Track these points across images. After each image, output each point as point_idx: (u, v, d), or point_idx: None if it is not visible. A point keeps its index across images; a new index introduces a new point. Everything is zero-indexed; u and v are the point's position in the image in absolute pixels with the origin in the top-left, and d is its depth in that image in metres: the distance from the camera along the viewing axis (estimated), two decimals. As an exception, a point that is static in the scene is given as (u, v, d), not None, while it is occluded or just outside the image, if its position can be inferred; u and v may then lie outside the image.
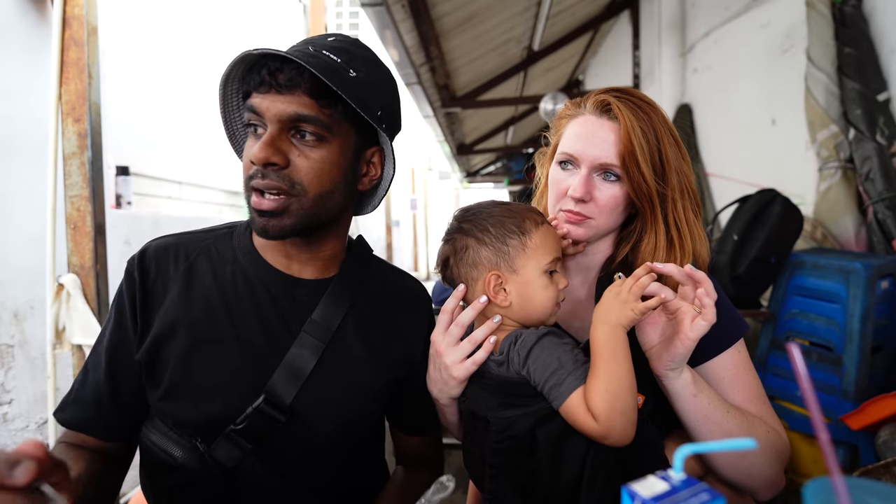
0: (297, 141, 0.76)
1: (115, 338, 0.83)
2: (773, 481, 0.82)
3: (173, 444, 0.80)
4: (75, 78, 2.11)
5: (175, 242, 0.87)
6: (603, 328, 0.73)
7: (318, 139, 0.76)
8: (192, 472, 0.79)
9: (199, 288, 0.83)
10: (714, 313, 0.72)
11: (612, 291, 0.76)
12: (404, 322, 0.93)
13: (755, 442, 0.50)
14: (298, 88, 0.73)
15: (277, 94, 0.73)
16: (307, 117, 0.74)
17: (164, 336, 0.80)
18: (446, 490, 0.74)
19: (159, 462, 0.81)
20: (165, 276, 0.84)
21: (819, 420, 0.49)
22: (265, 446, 0.80)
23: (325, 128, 0.75)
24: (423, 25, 4.24)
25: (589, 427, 0.69)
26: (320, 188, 0.78)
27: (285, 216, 0.77)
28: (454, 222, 0.85)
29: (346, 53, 0.78)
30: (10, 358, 2.28)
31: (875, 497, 0.49)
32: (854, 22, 2.38)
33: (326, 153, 0.77)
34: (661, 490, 0.49)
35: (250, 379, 0.80)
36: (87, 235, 2.14)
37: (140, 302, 0.82)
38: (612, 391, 0.68)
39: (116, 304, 0.84)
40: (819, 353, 2.07)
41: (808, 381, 0.51)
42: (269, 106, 0.74)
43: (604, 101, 0.88)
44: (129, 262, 0.85)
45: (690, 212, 0.90)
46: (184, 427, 0.80)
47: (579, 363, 0.73)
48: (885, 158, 2.25)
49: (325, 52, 0.76)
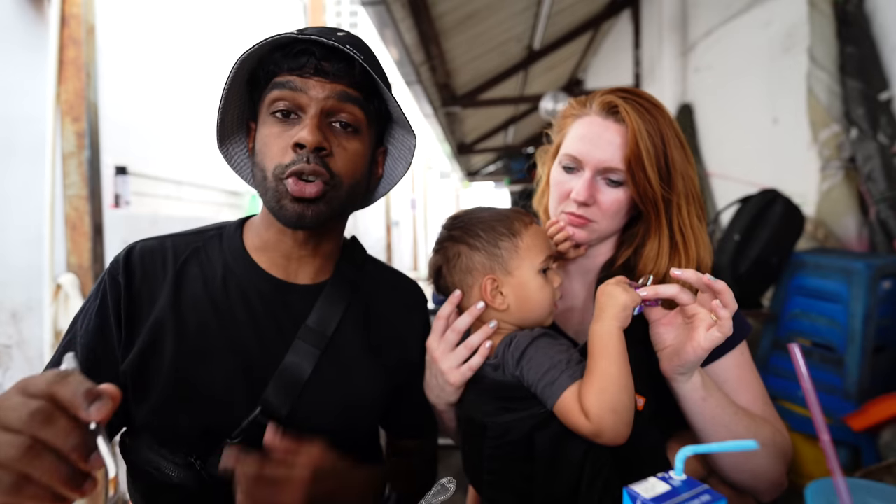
0: (335, 131, 0.76)
1: (93, 344, 0.76)
2: (777, 482, 0.81)
3: (167, 462, 0.75)
4: (73, 77, 2.10)
5: (161, 245, 0.82)
6: (596, 326, 0.72)
7: (353, 131, 0.77)
8: (190, 490, 0.75)
9: (189, 295, 0.79)
10: (730, 326, 0.69)
11: (601, 289, 0.75)
12: (400, 324, 0.91)
13: (757, 443, 0.49)
14: (346, 78, 0.74)
15: (325, 81, 0.73)
16: (353, 106, 0.75)
17: (152, 347, 0.75)
18: (447, 492, 0.73)
19: (154, 482, 0.76)
20: (152, 282, 0.79)
21: (821, 421, 0.49)
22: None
23: (361, 120, 0.77)
24: (423, 24, 4.24)
25: (581, 425, 0.68)
26: (353, 179, 0.78)
27: (323, 203, 0.75)
28: (444, 231, 0.85)
29: (363, 52, 0.77)
30: (7, 358, 2.28)
31: (876, 498, 0.48)
32: (856, 21, 2.37)
33: (359, 145, 0.78)
34: (662, 491, 0.48)
35: (245, 390, 0.76)
36: (85, 235, 2.14)
37: (125, 310, 0.76)
38: (605, 388, 0.68)
39: (99, 307, 0.77)
40: (821, 354, 2.07)
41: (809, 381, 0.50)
42: (316, 90, 0.73)
43: (610, 103, 0.86)
44: (112, 263, 0.80)
45: (695, 217, 0.88)
46: (176, 442, 0.75)
47: (573, 362, 0.72)
48: (887, 158, 2.24)
49: (348, 46, 0.74)
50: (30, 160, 2.26)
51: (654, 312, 0.77)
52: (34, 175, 2.21)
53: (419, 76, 5.02)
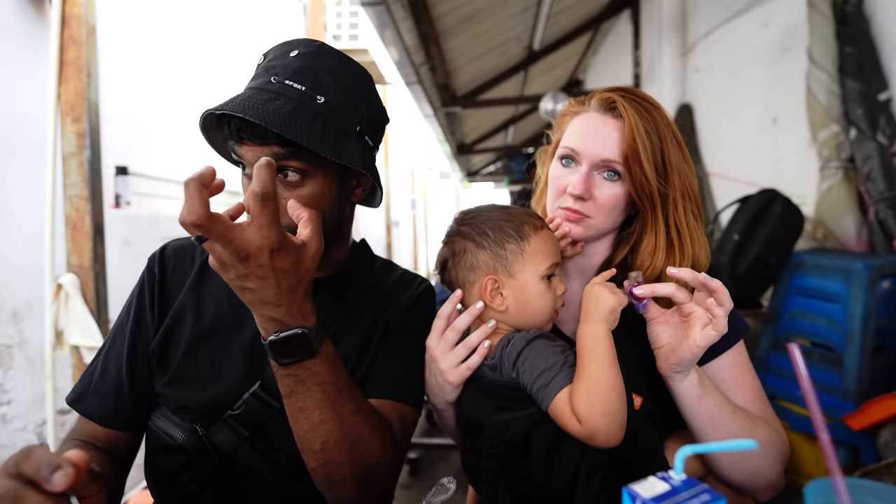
0: (282, 182, 0.77)
1: (135, 329, 0.88)
2: (775, 481, 0.81)
3: (175, 427, 0.83)
4: (74, 77, 2.10)
5: (191, 244, 0.95)
6: (583, 327, 0.73)
7: (301, 176, 0.77)
8: (191, 453, 0.82)
9: (209, 283, 0.90)
10: (725, 324, 0.70)
11: (587, 290, 0.75)
12: (389, 304, 0.92)
13: (755, 443, 0.50)
14: (269, 137, 0.74)
15: (251, 144, 0.75)
16: (286, 161, 0.75)
17: (173, 326, 0.86)
18: (447, 492, 0.74)
19: (161, 444, 0.84)
20: (181, 272, 0.91)
21: (820, 420, 0.49)
22: (261, 435, 0.82)
23: (305, 165, 0.77)
24: (423, 25, 4.24)
25: (573, 428, 0.68)
26: None
27: None
28: (454, 225, 0.85)
29: (311, 75, 0.77)
30: (8, 358, 2.28)
31: (876, 498, 0.48)
32: (855, 21, 2.38)
33: (311, 189, 0.78)
34: (662, 491, 0.49)
35: (249, 367, 0.83)
36: (86, 235, 2.14)
37: (158, 295, 0.89)
38: (593, 391, 0.67)
39: (137, 296, 0.90)
40: (820, 354, 2.07)
41: (808, 381, 0.50)
42: (247, 153, 0.77)
43: (609, 99, 0.88)
44: (150, 258, 0.92)
45: (691, 215, 0.88)
46: (185, 412, 0.83)
47: (568, 364, 0.72)
48: (886, 158, 2.25)
49: (287, 81, 0.75)
50: (30, 160, 2.26)
51: (651, 311, 0.78)
52: (35, 175, 2.21)
53: (419, 76, 5.03)
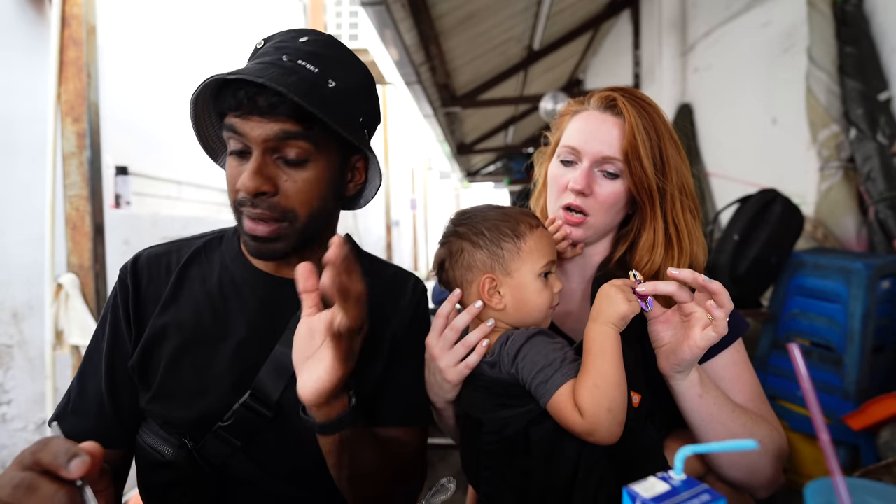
0: (283, 164, 0.75)
1: (111, 344, 0.84)
2: (773, 479, 0.82)
3: (163, 442, 0.81)
4: (74, 77, 2.11)
5: (166, 251, 0.89)
6: (593, 326, 0.73)
7: (304, 160, 0.76)
8: (181, 469, 0.79)
9: (188, 293, 0.85)
10: (725, 326, 0.70)
11: (603, 290, 0.76)
12: (388, 309, 0.91)
13: (756, 443, 0.50)
14: (281, 112, 0.71)
15: (260, 118, 0.72)
16: (293, 140, 0.73)
17: (153, 340, 0.82)
18: (447, 492, 0.74)
19: (150, 460, 0.82)
20: (157, 283, 0.86)
21: (820, 420, 0.49)
22: (254, 444, 0.81)
23: (311, 146, 0.75)
24: (423, 24, 4.24)
25: (575, 423, 0.69)
26: (310, 208, 0.79)
27: (279, 242, 0.78)
28: (450, 225, 0.86)
29: (322, 60, 0.76)
30: (8, 358, 2.28)
31: (876, 497, 0.48)
32: (855, 21, 2.38)
33: (313, 172, 0.77)
34: (662, 491, 0.49)
35: (237, 377, 0.81)
36: (86, 235, 2.14)
37: (133, 309, 0.84)
38: (600, 386, 0.68)
39: (111, 310, 0.85)
40: (820, 354, 2.07)
41: (808, 381, 0.50)
42: (253, 129, 0.73)
43: (608, 98, 0.89)
44: (121, 269, 0.87)
45: (689, 212, 0.90)
46: (173, 427, 0.81)
47: (567, 361, 0.73)
48: (886, 158, 2.25)
49: (300, 62, 0.74)
50: (31, 160, 2.26)
51: (653, 309, 0.78)
52: (35, 175, 2.21)
53: (419, 76, 5.03)
